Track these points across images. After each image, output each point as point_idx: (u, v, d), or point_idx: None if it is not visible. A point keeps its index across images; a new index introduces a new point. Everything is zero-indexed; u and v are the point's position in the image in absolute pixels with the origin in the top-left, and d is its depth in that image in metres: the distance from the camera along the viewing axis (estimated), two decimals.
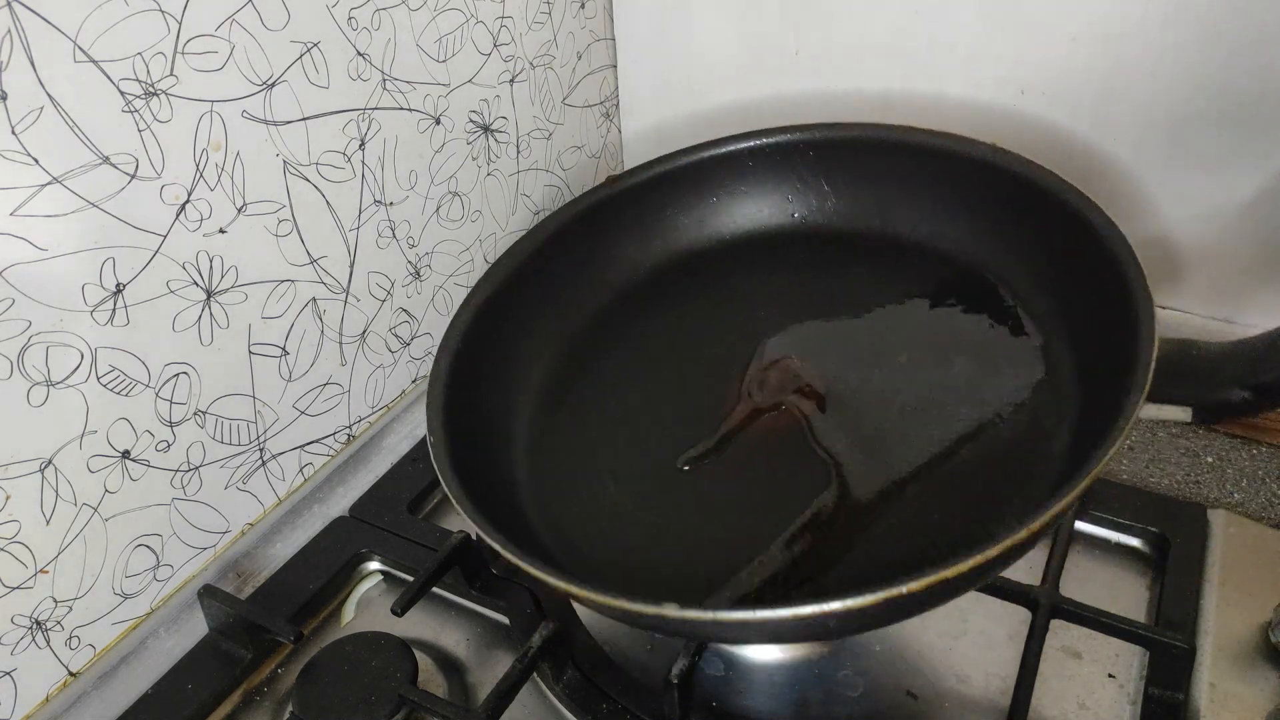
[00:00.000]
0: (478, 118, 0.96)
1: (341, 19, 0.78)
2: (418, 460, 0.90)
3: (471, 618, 0.79)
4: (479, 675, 0.75)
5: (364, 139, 0.83)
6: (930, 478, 0.69)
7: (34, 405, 0.64)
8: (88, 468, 0.69)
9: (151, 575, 0.76)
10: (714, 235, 0.91)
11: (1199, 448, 0.90)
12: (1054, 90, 0.94)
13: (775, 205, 0.89)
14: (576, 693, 0.71)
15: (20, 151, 0.60)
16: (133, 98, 0.65)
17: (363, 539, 0.83)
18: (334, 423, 0.89)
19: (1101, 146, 0.94)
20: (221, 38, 0.70)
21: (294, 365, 0.83)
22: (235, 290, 0.76)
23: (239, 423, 0.79)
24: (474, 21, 0.92)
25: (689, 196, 0.90)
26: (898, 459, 0.71)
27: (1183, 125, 0.90)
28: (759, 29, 1.05)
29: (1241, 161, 0.89)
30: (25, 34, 0.58)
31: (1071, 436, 0.68)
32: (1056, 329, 0.75)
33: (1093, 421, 0.64)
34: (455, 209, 0.96)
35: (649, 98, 1.17)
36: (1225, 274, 0.95)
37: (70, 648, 0.71)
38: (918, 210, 0.84)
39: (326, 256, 0.83)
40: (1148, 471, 0.88)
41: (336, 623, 0.79)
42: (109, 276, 0.66)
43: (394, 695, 0.68)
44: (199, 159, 0.70)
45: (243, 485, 0.81)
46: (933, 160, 0.82)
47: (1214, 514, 0.80)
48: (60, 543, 0.68)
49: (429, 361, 0.98)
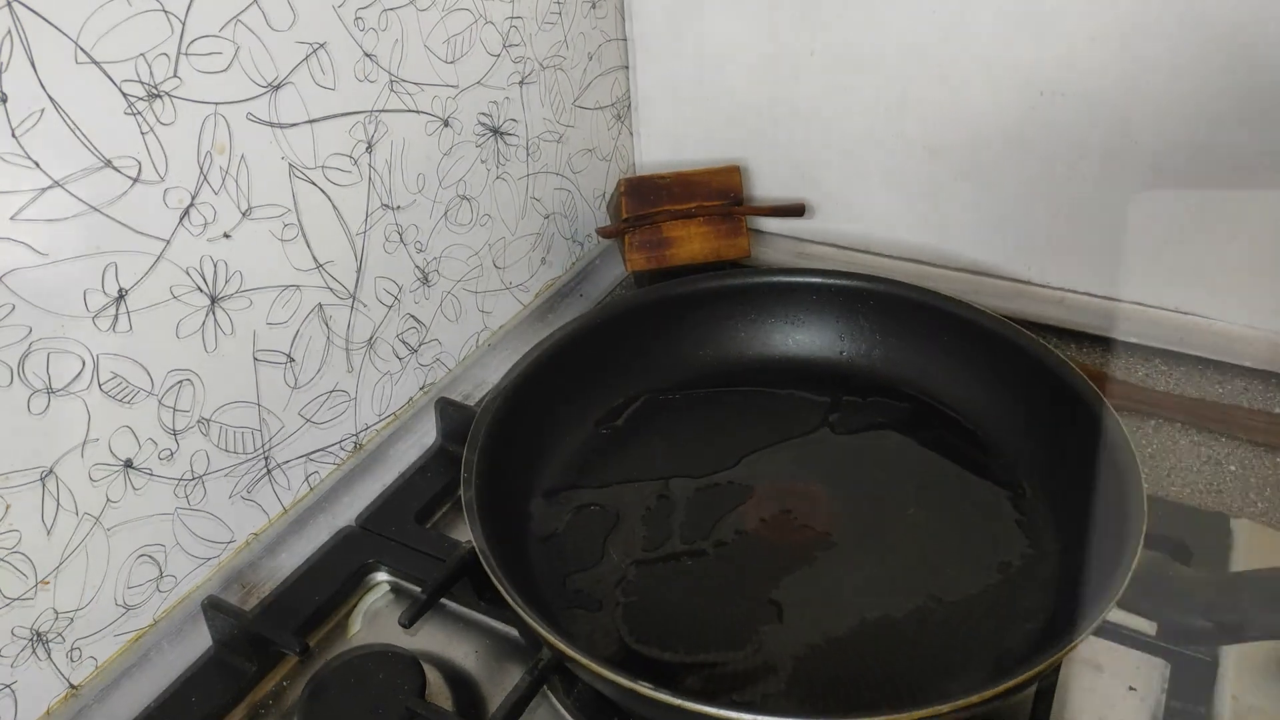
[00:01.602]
0: (487, 120, 0.95)
1: (348, 19, 0.77)
2: (426, 469, 0.89)
3: (481, 630, 0.78)
4: (488, 689, 0.74)
5: (371, 142, 0.82)
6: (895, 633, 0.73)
7: (35, 413, 0.63)
8: (89, 477, 0.68)
9: (154, 587, 0.75)
10: (763, 353, 0.97)
11: (1221, 456, 0.89)
12: (1073, 91, 0.93)
13: (827, 340, 0.96)
14: (587, 706, 0.70)
15: (21, 155, 0.59)
16: (135, 100, 0.64)
17: (370, 550, 0.82)
18: (341, 431, 0.88)
19: (1120, 147, 0.94)
20: (226, 38, 0.69)
21: (300, 372, 0.82)
22: (240, 296, 0.75)
23: (244, 431, 0.78)
24: (483, 22, 0.91)
25: (752, 312, 0.96)
26: (870, 606, 0.74)
27: (1203, 126, 0.89)
28: (773, 30, 1.04)
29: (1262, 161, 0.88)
30: (26, 35, 0.57)
31: (1043, 623, 0.71)
32: (1053, 518, 0.79)
33: (1063, 613, 0.69)
34: (464, 213, 0.95)
35: (662, 99, 1.16)
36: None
37: (71, 660, 0.70)
38: (952, 377, 0.91)
39: (333, 261, 0.82)
40: (1169, 480, 0.87)
41: (343, 635, 0.78)
42: (111, 282, 0.66)
43: (402, 709, 0.67)
44: (203, 162, 0.69)
45: (247, 495, 0.80)
46: (975, 337, 0.88)
47: (1237, 523, 0.79)
48: (61, 554, 0.67)
49: (437, 368, 0.97)
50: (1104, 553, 0.67)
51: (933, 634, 0.72)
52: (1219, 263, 0.95)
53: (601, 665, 0.60)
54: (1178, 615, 0.64)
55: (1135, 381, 0.97)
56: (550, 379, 0.86)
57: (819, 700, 0.68)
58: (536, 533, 0.81)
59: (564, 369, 0.87)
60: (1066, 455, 0.78)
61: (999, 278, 1.06)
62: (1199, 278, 0.97)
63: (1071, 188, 0.98)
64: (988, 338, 0.87)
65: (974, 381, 0.89)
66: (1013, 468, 0.84)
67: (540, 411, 0.85)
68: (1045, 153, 0.97)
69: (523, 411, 0.82)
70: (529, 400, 0.83)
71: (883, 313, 0.93)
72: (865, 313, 0.94)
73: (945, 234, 1.07)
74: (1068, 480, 0.78)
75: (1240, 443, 0.90)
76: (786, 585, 0.76)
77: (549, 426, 0.85)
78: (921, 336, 0.91)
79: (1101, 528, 0.70)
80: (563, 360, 0.87)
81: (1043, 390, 0.82)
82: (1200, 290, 0.97)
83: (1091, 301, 1.02)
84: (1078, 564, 0.73)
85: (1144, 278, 0.99)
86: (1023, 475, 0.83)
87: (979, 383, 0.88)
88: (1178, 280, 0.98)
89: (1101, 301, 1.02)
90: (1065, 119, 0.95)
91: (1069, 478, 0.78)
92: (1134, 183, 0.94)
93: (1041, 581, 0.75)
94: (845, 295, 0.94)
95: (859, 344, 0.95)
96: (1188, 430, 0.91)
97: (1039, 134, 0.96)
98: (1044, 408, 0.82)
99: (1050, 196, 0.99)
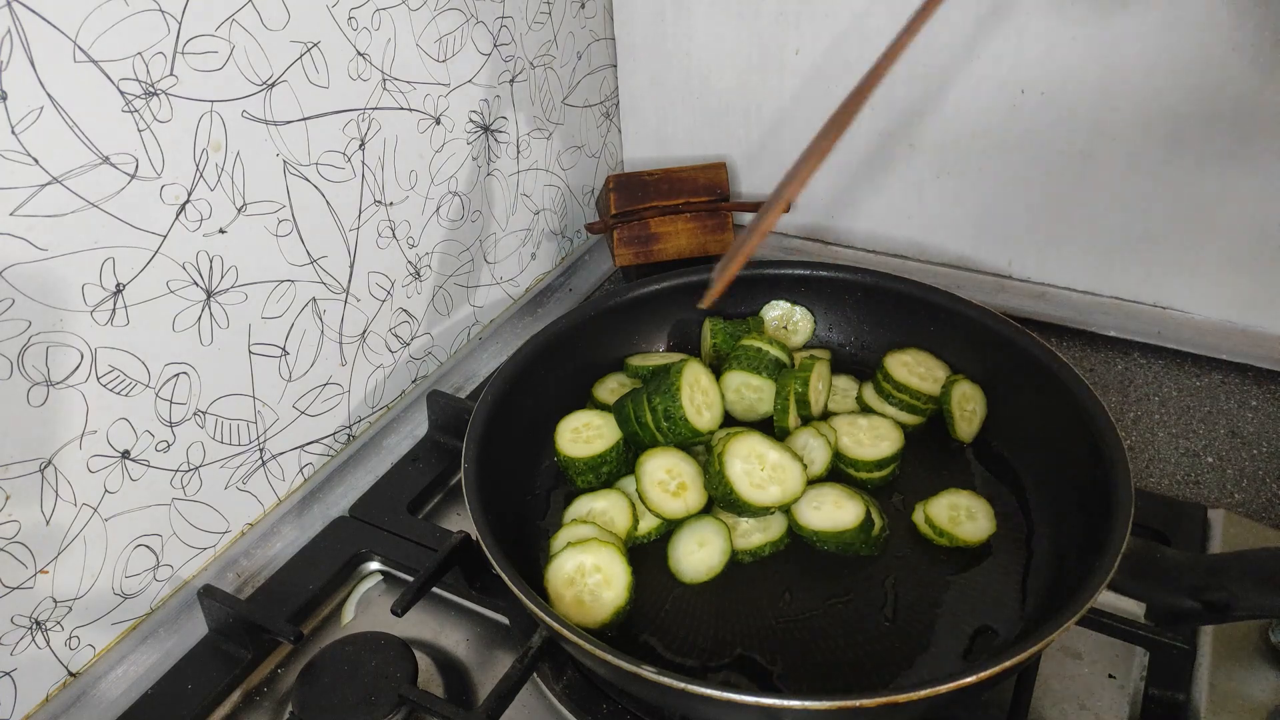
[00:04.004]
0: (478, 117, 0.96)
1: (341, 19, 0.78)
2: (418, 460, 0.90)
3: (472, 618, 0.79)
4: (479, 675, 0.75)
5: (364, 139, 0.83)
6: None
7: (34, 405, 0.64)
8: (87, 468, 0.69)
9: (151, 575, 0.75)
10: None
11: (1199, 448, 0.90)
12: (1053, 90, 0.94)
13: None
14: (576, 693, 0.71)
15: (20, 151, 0.60)
16: (133, 98, 0.65)
17: (363, 539, 0.83)
18: (334, 423, 0.89)
19: (1099, 145, 0.95)
20: (221, 38, 0.69)
21: (294, 365, 0.82)
22: (235, 290, 0.76)
23: (239, 423, 0.79)
24: (474, 21, 0.92)
25: (739, 304, 0.98)
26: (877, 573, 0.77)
27: (1179, 123, 0.91)
28: (759, 29, 1.05)
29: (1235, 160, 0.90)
30: (25, 34, 0.58)
31: (1036, 603, 0.73)
32: (1043, 500, 0.81)
33: (1052, 598, 0.71)
34: (455, 209, 0.96)
35: (649, 97, 1.17)
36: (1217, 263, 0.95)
37: (70, 648, 0.71)
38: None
39: (326, 256, 0.83)
40: (1148, 471, 0.88)
41: (336, 623, 0.79)
42: (109, 276, 0.66)
43: (394, 695, 0.68)
44: (199, 159, 0.70)
45: (243, 485, 0.81)
46: (959, 326, 0.89)
47: (1214, 514, 0.81)
48: (60, 543, 0.68)
49: (429, 361, 0.98)
50: (1092, 535, 0.68)
51: (913, 620, 0.73)
52: (1197, 258, 0.96)
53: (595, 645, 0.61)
54: (1165, 596, 0.64)
55: (1115, 375, 0.98)
56: (544, 370, 0.87)
57: (802, 682, 0.69)
58: (531, 518, 0.82)
59: (556, 360, 0.88)
60: (1052, 441, 0.79)
61: (981, 272, 1.08)
62: (1177, 272, 0.98)
63: (1052, 184, 0.99)
64: (971, 327, 0.88)
65: (958, 369, 0.90)
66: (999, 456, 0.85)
67: (536, 400, 0.86)
68: (1026, 150, 0.98)
69: (519, 399, 0.83)
70: (525, 389, 0.84)
71: (868, 303, 0.94)
72: (851, 303, 0.95)
73: (928, 230, 1.08)
74: (1052, 465, 0.79)
75: (1217, 434, 0.91)
76: (774, 563, 0.77)
77: (543, 415, 0.85)
78: (906, 327, 0.92)
79: (1089, 511, 0.71)
80: (555, 352, 0.88)
81: (1028, 376, 0.82)
82: (1179, 285, 0.99)
83: (1071, 296, 1.04)
84: (1065, 547, 0.74)
85: (1123, 273, 1.00)
86: (1013, 464, 0.84)
87: (964, 370, 0.89)
88: (1156, 275, 0.99)
89: (1081, 296, 1.03)
90: (1045, 117, 0.96)
91: (1054, 463, 0.79)
92: (1113, 179, 0.96)
93: (1029, 565, 0.76)
94: (832, 286, 0.95)
95: (846, 333, 0.96)
96: (1166, 424, 0.93)
97: (1020, 131, 0.98)
98: (1030, 394, 0.83)
99: (1031, 193, 1.01)
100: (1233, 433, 0.91)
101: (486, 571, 0.77)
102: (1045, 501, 0.80)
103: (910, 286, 0.92)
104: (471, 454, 0.75)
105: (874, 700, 0.57)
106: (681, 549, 0.77)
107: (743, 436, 0.77)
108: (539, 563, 0.76)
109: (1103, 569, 0.63)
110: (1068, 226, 1.00)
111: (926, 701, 0.57)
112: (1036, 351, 0.82)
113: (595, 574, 0.72)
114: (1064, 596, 0.64)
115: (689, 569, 0.76)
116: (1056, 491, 0.79)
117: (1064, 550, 0.75)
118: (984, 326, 0.87)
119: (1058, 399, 0.79)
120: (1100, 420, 0.74)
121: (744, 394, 0.87)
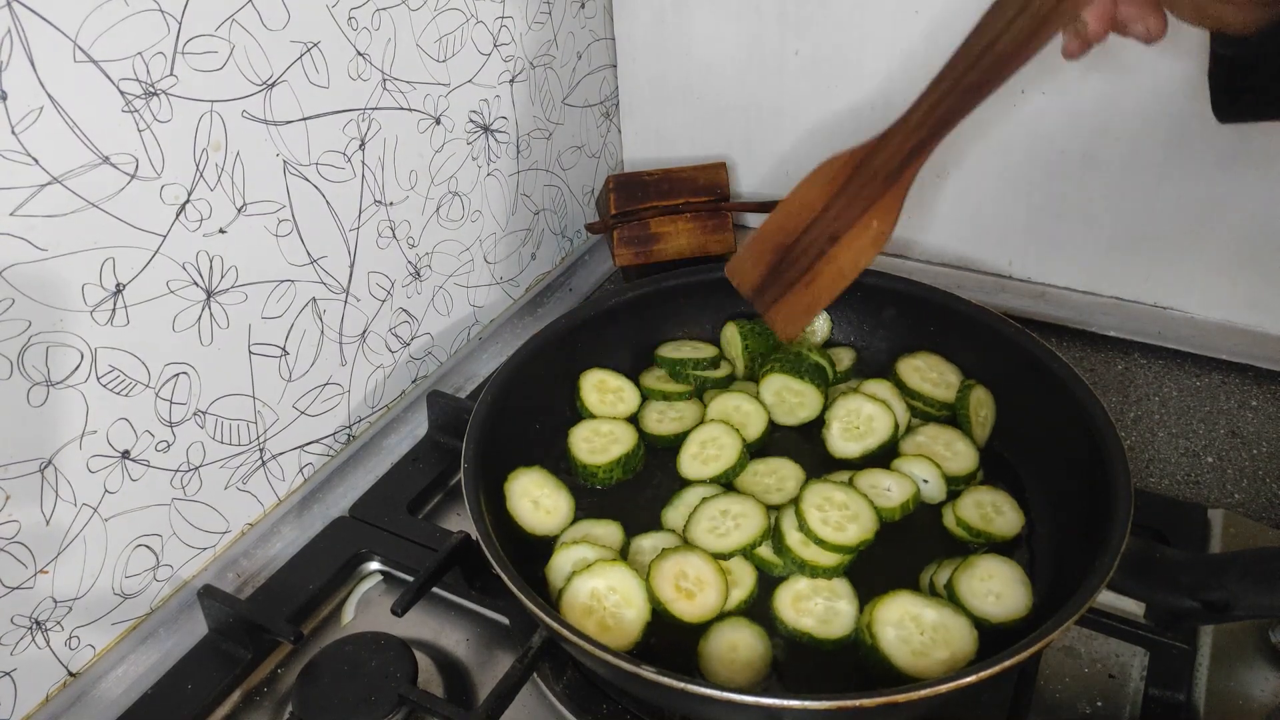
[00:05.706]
0: (478, 117, 0.96)
1: (341, 19, 0.78)
2: (418, 460, 0.90)
3: (471, 618, 0.79)
4: (479, 675, 0.75)
5: (364, 139, 0.83)
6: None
7: (34, 405, 0.64)
8: (87, 468, 0.69)
9: (151, 575, 0.75)
10: None
11: (1199, 448, 0.90)
12: (1053, 89, 0.94)
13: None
14: (576, 693, 0.71)
15: (20, 151, 0.60)
16: (133, 98, 0.65)
17: (363, 539, 0.83)
18: (334, 423, 0.89)
19: (1099, 145, 0.95)
20: (221, 38, 0.70)
21: (294, 365, 0.82)
22: (235, 290, 0.76)
23: (239, 423, 0.79)
24: (474, 21, 0.92)
25: (739, 305, 0.95)
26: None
27: (1180, 123, 0.91)
28: (759, 29, 1.05)
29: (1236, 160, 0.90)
30: (25, 34, 0.58)
31: (1036, 603, 0.72)
32: (1043, 500, 0.81)
33: (1054, 596, 0.70)
34: (455, 209, 0.96)
35: (649, 97, 1.17)
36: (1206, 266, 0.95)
37: (70, 648, 0.71)
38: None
39: (326, 256, 0.83)
40: (1148, 471, 0.88)
41: (336, 623, 0.79)
42: (109, 276, 0.66)
43: (394, 695, 0.68)
44: (199, 159, 0.70)
45: (243, 485, 0.81)
46: (959, 325, 0.89)
47: (1214, 514, 0.81)
48: (60, 543, 0.68)
49: (429, 361, 0.98)
50: (1092, 535, 0.68)
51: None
52: (1197, 258, 0.96)
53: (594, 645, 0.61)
54: (1165, 596, 0.64)
55: (1115, 375, 0.98)
56: (544, 370, 0.87)
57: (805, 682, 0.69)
58: None
59: (556, 360, 0.88)
60: (1052, 441, 0.80)
61: (981, 273, 1.08)
62: (1177, 273, 0.98)
63: (1051, 184, 0.99)
64: (971, 327, 0.88)
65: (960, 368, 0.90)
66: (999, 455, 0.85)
67: (536, 400, 0.86)
68: (1026, 150, 0.98)
69: (519, 399, 0.83)
70: (525, 389, 0.84)
71: (869, 303, 0.94)
72: (852, 303, 0.95)
73: (927, 230, 1.08)
74: (1052, 465, 0.80)
75: (1217, 434, 0.91)
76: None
77: (543, 415, 0.86)
78: (907, 326, 0.92)
79: (1089, 511, 0.71)
80: (555, 352, 0.88)
81: (1028, 376, 0.83)
82: (1179, 285, 0.99)
83: (1071, 296, 1.04)
84: (1065, 547, 0.75)
85: (1123, 273, 1.00)
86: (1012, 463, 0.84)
87: (964, 369, 0.89)
88: (1156, 275, 0.99)
89: (1081, 296, 1.03)
90: (1045, 117, 0.96)
91: (1053, 463, 0.79)
92: (1113, 179, 0.96)
93: (1028, 564, 0.76)
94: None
95: (846, 333, 0.96)
96: (1166, 424, 0.93)
97: (1019, 131, 0.98)
98: (1030, 394, 0.83)
99: (1031, 192, 1.00)
100: (1233, 433, 0.91)
101: (486, 571, 0.77)
102: (1045, 501, 0.80)
103: (910, 286, 0.91)
104: (471, 454, 0.75)
105: (874, 700, 0.57)
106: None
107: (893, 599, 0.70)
108: (539, 563, 0.75)
109: (1102, 569, 0.63)
110: (1068, 226, 1.00)
111: (926, 701, 0.57)
112: (1037, 351, 0.82)
113: (611, 595, 0.70)
114: (1064, 596, 0.64)
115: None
116: (1056, 491, 0.79)
117: (1064, 550, 0.75)
118: (984, 326, 0.87)
119: (1058, 399, 0.79)
120: (1100, 420, 0.74)
121: (785, 397, 0.88)
